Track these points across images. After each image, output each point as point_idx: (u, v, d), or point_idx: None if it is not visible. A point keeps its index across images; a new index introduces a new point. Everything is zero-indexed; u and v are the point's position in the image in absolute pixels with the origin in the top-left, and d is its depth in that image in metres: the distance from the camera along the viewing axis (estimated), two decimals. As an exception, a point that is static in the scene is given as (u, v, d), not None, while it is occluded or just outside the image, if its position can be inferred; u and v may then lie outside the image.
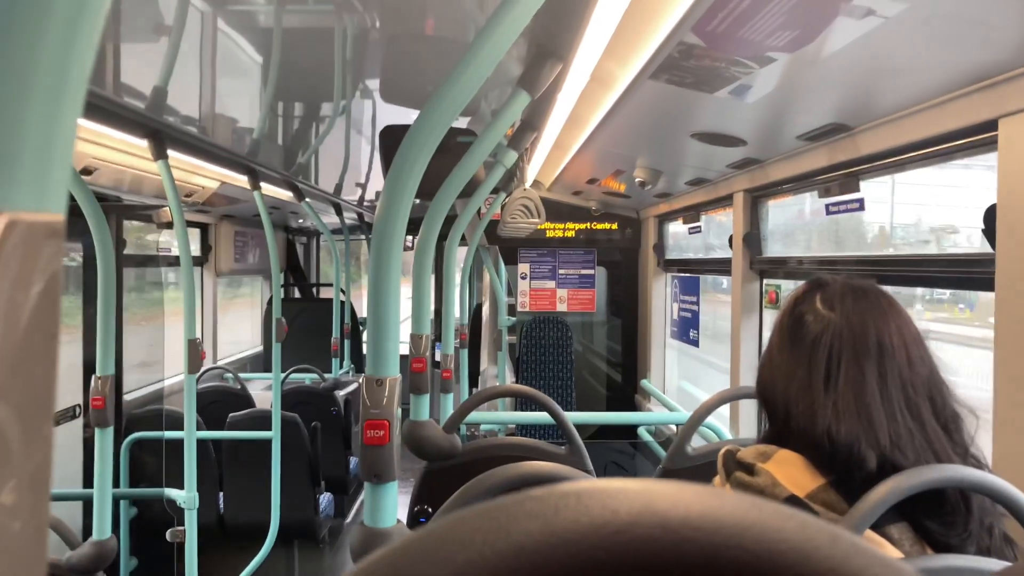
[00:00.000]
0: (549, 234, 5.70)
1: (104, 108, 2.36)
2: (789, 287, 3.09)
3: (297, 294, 8.31)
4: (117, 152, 3.09)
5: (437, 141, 1.13)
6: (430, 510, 2.18)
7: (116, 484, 4.06)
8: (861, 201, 2.37)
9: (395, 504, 1.18)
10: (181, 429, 3.10)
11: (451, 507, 1.20)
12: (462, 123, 3.12)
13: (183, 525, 3.12)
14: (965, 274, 1.91)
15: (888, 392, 1.08)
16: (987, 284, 1.67)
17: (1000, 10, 1.29)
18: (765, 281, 3.32)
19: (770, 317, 3.22)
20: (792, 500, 1.05)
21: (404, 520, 2.32)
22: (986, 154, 1.77)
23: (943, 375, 1.13)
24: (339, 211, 5.94)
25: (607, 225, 5.70)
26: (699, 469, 2.08)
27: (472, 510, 0.25)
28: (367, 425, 1.12)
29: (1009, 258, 1.59)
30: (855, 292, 1.16)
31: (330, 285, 6.66)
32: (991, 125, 1.63)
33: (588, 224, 5.70)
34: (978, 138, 1.74)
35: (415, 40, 2.03)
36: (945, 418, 1.10)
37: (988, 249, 1.69)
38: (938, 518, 1.04)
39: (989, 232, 1.66)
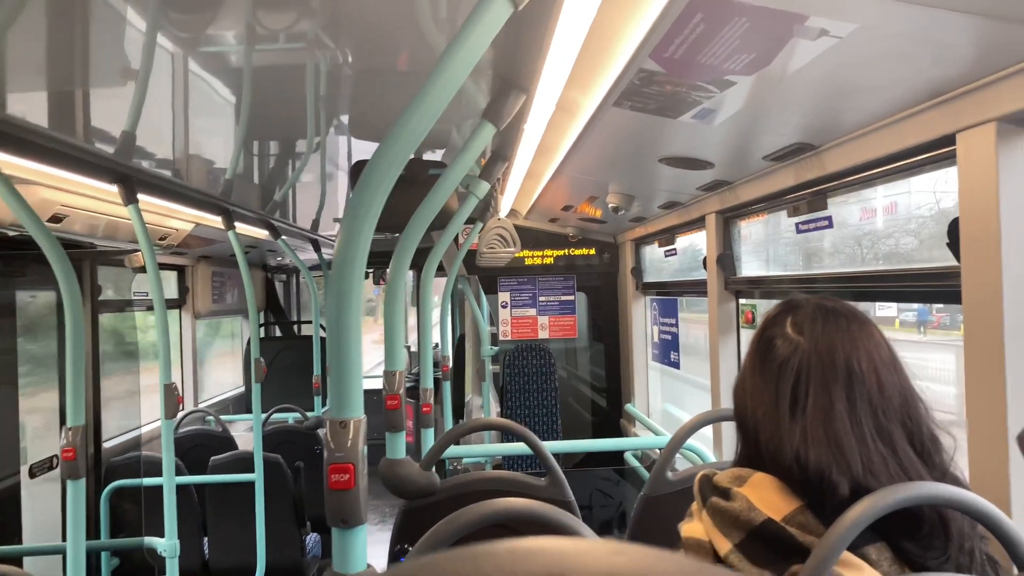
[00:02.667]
0: (528, 262, 5.70)
1: (72, 155, 2.35)
2: (768, 305, 3.10)
3: (278, 332, 8.26)
4: (88, 199, 3.08)
5: (396, 174, 1.13)
6: (409, 549, 2.15)
7: (96, 535, 4.00)
8: (830, 219, 2.38)
9: (364, 549, 1.15)
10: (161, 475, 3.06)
11: (422, 548, 1.18)
12: (436, 156, 3.13)
13: (165, 574, 3.07)
14: (934, 288, 1.92)
15: (858, 418, 1.07)
16: (955, 297, 1.68)
17: (950, 27, 1.31)
18: (741, 301, 3.33)
19: (748, 337, 3.22)
20: (769, 523, 1.04)
21: (386, 560, 2.29)
22: (949, 167, 1.79)
23: (920, 398, 1.12)
24: (317, 247, 5.92)
25: (585, 251, 5.71)
26: (681, 494, 2.07)
27: None
28: (331, 469, 1.10)
29: (972, 270, 1.61)
30: (826, 315, 1.15)
31: (311, 322, 6.63)
32: (949, 140, 1.65)
33: (566, 250, 5.71)
34: (938, 152, 1.76)
35: (382, 75, 2.04)
36: (922, 441, 1.09)
37: (955, 262, 1.70)
38: (916, 539, 1.03)
39: (953, 245, 1.67)
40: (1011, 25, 1.27)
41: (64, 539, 3.42)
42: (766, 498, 1.06)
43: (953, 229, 1.68)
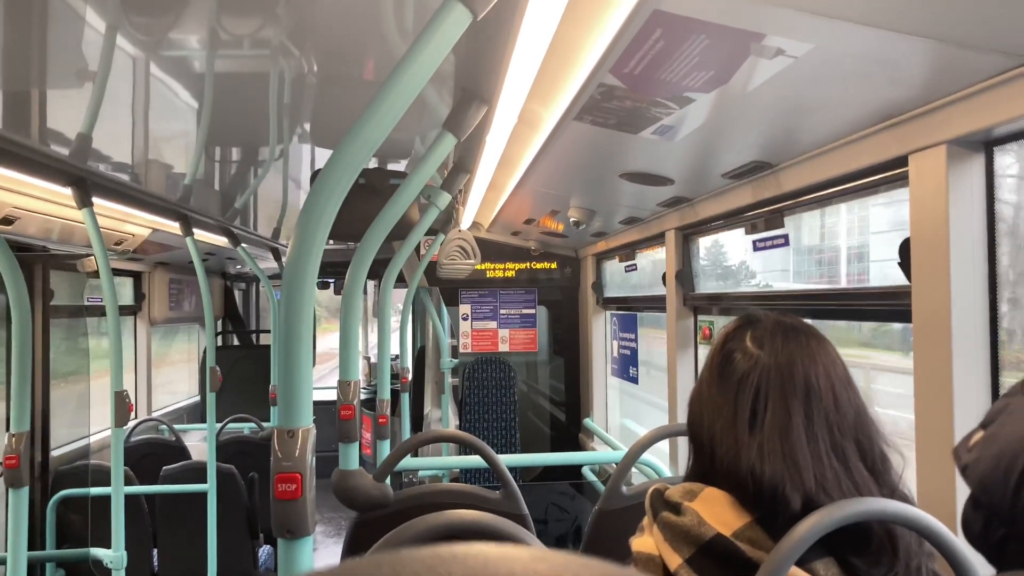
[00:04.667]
0: (490, 274, 5.70)
1: (24, 156, 2.30)
2: (723, 322, 3.13)
3: (236, 341, 8.15)
4: (42, 201, 3.01)
5: (350, 181, 1.12)
6: None
7: (42, 545, 3.90)
8: (786, 237, 2.42)
9: (310, 560, 1.14)
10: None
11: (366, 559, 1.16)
12: (400, 166, 3.12)
13: None
14: (886, 306, 1.95)
15: (814, 433, 1.08)
16: (906, 316, 1.70)
17: (903, 50, 1.34)
18: (699, 317, 3.35)
19: (705, 353, 3.25)
20: (718, 538, 1.04)
21: None
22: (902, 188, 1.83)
23: (871, 416, 1.13)
24: (277, 256, 5.87)
25: (547, 264, 5.72)
26: (634, 509, 2.07)
27: None
28: (278, 479, 1.09)
29: (922, 289, 1.63)
30: (785, 331, 1.16)
31: (270, 331, 6.56)
32: (902, 161, 1.68)
33: (528, 264, 5.72)
34: (891, 173, 1.79)
35: (345, 82, 2.03)
36: (873, 459, 1.10)
37: (906, 281, 1.73)
38: (864, 555, 1.03)
39: (904, 265, 1.70)
40: (961, 49, 1.30)
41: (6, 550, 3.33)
42: (717, 513, 1.06)
43: (904, 249, 1.71)
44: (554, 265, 5.72)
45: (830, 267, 3.10)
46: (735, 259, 3.41)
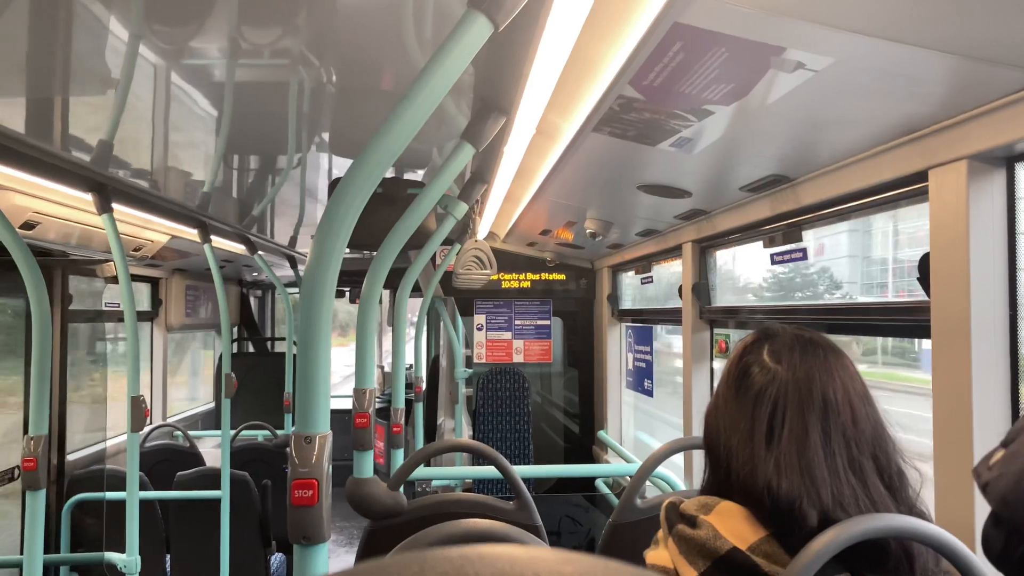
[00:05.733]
0: (505, 285, 5.70)
1: (46, 162, 2.33)
2: (739, 336, 3.12)
3: (251, 348, 8.19)
4: (63, 207, 3.05)
5: (370, 190, 1.12)
6: None
7: (57, 549, 3.92)
8: (804, 251, 2.41)
9: (326, 566, 1.14)
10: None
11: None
12: (417, 176, 3.14)
13: None
14: (905, 322, 1.94)
15: (831, 449, 1.07)
16: (925, 331, 1.69)
17: (923, 65, 1.33)
18: (715, 330, 3.34)
19: (721, 367, 3.24)
20: (734, 552, 1.03)
21: None
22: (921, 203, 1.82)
23: (889, 431, 1.13)
24: (293, 263, 5.90)
25: (562, 276, 5.73)
26: (648, 522, 2.06)
27: None
28: (295, 485, 1.09)
29: (942, 305, 1.62)
30: (803, 345, 1.15)
31: (285, 339, 6.58)
32: (922, 176, 1.67)
33: (543, 275, 5.72)
34: (911, 188, 1.78)
35: (364, 92, 2.04)
36: (890, 475, 1.09)
37: (925, 297, 1.72)
38: (880, 572, 1.03)
39: (924, 280, 1.69)
40: (983, 64, 1.29)
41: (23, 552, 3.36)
42: (732, 527, 1.06)
43: (924, 264, 1.70)
44: (569, 276, 5.72)
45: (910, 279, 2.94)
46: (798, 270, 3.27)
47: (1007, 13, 1.12)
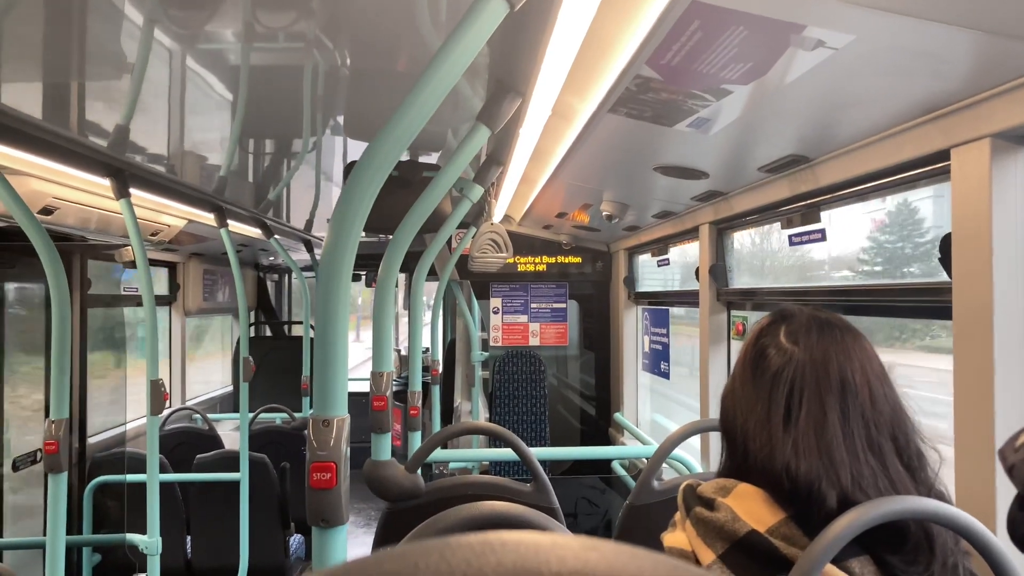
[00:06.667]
0: (521, 268, 5.70)
1: (64, 147, 2.34)
2: (756, 318, 3.10)
3: (268, 332, 8.23)
4: (81, 192, 3.06)
5: (386, 173, 1.12)
6: None
7: (79, 530, 3.98)
8: (823, 231, 2.39)
9: (344, 549, 1.15)
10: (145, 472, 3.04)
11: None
12: (432, 158, 3.13)
13: (147, 571, 3.05)
14: (926, 302, 1.92)
15: (850, 430, 1.06)
16: (946, 312, 1.67)
17: (946, 42, 1.31)
18: (732, 312, 3.33)
19: (738, 348, 3.22)
20: (753, 534, 1.03)
21: None
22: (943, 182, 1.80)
23: (908, 412, 1.12)
24: (309, 247, 5.92)
25: (578, 259, 5.72)
26: (666, 504, 2.06)
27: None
28: (313, 468, 1.09)
29: (964, 286, 1.61)
30: (820, 326, 1.14)
31: (302, 323, 6.61)
32: (944, 155, 1.65)
33: (559, 258, 5.71)
34: (933, 167, 1.76)
35: (379, 75, 2.04)
36: (909, 456, 1.08)
37: (946, 277, 1.70)
38: (900, 553, 1.02)
39: (945, 260, 1.67)
40: (1008, 40, 1.27)
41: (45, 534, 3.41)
42: (751, 509, 1.05)
43: (945, 245, 1.68)
44: (586, 259, 5.71)
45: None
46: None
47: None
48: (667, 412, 5.51)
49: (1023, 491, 0.94)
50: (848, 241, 2.70)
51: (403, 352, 8.04)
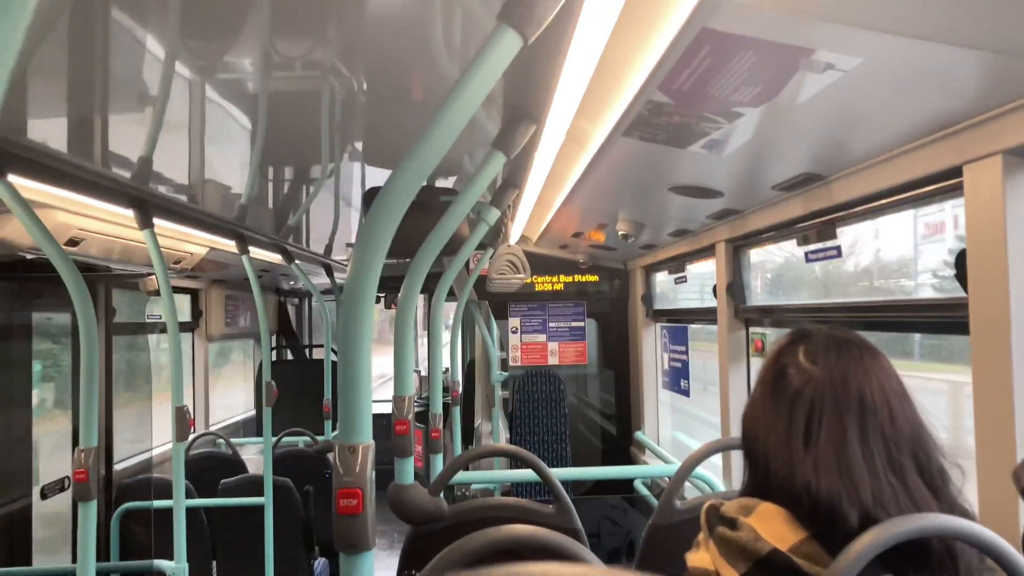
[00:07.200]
0: (538, 287, 5.71)
1: (89, 180, 2.39)
2: (776, 335, 3.10)
3: (290, 356, 8.28)
4: (105, 223, 3.12)
5: (408, 201, 1.14)
6: (416, 575, 2.15)
7: (107, 557, 4.00)
8: (839, 248, 2.39)
9: (371, 573, 1.16)
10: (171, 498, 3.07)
11: (430, 574, 1.19)
12: (448, 183, 3.16)
13: None
14: (943, 318, 1.92)
15: (870, 449, 1.07)
16: (964, 328, 1.68)
17: (953, 62, 1.33)
18: (751, 329, 3.33)
19: (758, 366, 3.21)
20: (775, 553, 1.04)
21: None
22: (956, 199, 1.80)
23: (929, 430, 1.12)
24: (329, 272, 5.96)
25: (595, 277, 5.72)
26: (689, 523, 2.06)
27: None
28: (340, 494, 1.11)
29: (980, 301, 1.61)
30: (839, 345, 1.15)
31: (322, 346, 6.64)
32: (956, 171, 1.66)
33: (576, 277, 5.72)
34: (945, 184, 1.76)
35: (396, 103, 2.07)
36: (931, 473, 1.09)
37: (963, 293, 1.71)
38: (923, 572, 1.02)
39: (961, 276, 1.68)
40: (1016, 60, 1.28)
41: (74, 561, 3.43)
42: (773, 528, 1.06)
43: (961, 260, 1.68)
44: (603, 278, 5.72)
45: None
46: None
47: (1037, 9, 1.12)
48: (688, 429, 5.49)
49: None
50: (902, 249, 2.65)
51: (423, 373, 8.05)
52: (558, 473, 2.52)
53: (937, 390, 2.73)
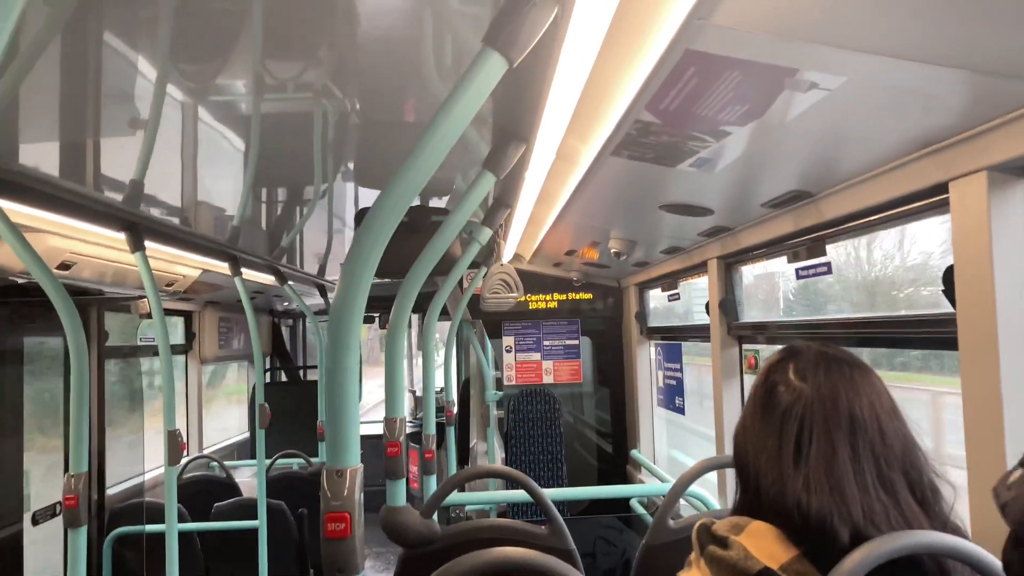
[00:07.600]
0: (532, 306, 5.71)
1: (81, 204, 2.39)
2: (769, 351, 3.10)
3: (284, 378, 8.25)
4: (97, 246, 3.12)
5: (396, 221, 1.15)
6: None
7: None
8: (829, 265, 2.40)
9: None
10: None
11: None
12: (441, 202, 3.17)
13: None
14: (932, 334, 1.92)
15: (860, 466, 1.07)
16: (953, 343, 1.68)
17: (935, 80, 1.34)
18: (744, 346, 3.33)
19: (751, 382, 3.21)
20: (765, 572, 1.04)
21: None
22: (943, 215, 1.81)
23: (920, 447, 1.13)
24: (323, 292, 5.96)
25: (589, 295, 5.72)
26: (682, 543, 2.06)
27: None
28: (327, 518, 1.11)
29: (968, 317, 1.62)
30: (828, 362, 1.16)
31: (316, 367, 6.63)
32: (942, 188, 1.67)
33: (570, 295, 5.72)
34: (932, 200, 1.78)
35: (387, 124, 2.08)
36: (923, 490, 1.09)
37: (951, 309, 1.71)
38: None
39: (949, 292, 1.68)
40: (998, 79, 1.30)
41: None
42: (763, 546, 1.06)
43: (948, 276, 1.69)
44: (596, 296, 5.72)
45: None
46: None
47: (1013, 28, 1.13)
48: (684, 447, 5.47)
49: (1017, 529, 0.94)
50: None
51: (417, 393, 8.03)
52: (552, 494, 2.52)
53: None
